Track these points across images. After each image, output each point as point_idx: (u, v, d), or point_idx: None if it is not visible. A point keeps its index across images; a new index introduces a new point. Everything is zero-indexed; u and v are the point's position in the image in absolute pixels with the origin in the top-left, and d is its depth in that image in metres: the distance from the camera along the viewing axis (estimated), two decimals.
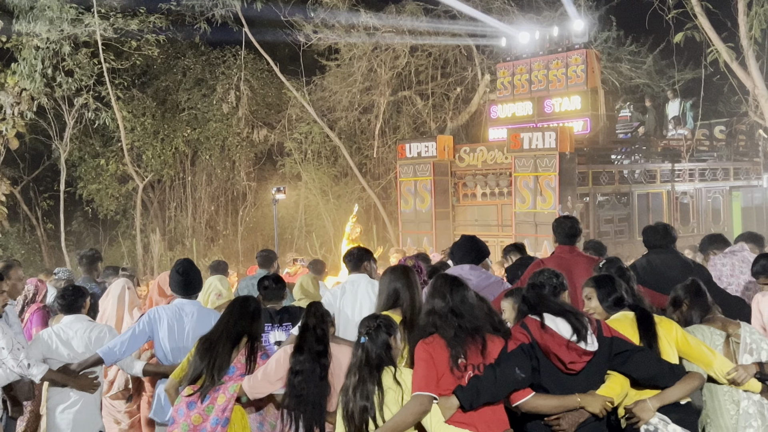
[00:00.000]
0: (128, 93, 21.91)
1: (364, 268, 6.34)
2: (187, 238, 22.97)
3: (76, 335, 5.71)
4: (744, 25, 14.75)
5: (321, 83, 23.29)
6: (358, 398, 4.13)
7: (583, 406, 4.13)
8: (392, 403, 4.12)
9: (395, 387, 4.14)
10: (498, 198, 16.92)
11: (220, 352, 4.87)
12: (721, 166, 18.82)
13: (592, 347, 4.12)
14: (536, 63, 18.06)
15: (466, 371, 4.12)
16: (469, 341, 4.16)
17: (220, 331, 4.97)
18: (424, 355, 4.16)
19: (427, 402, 4.05)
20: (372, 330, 4.25)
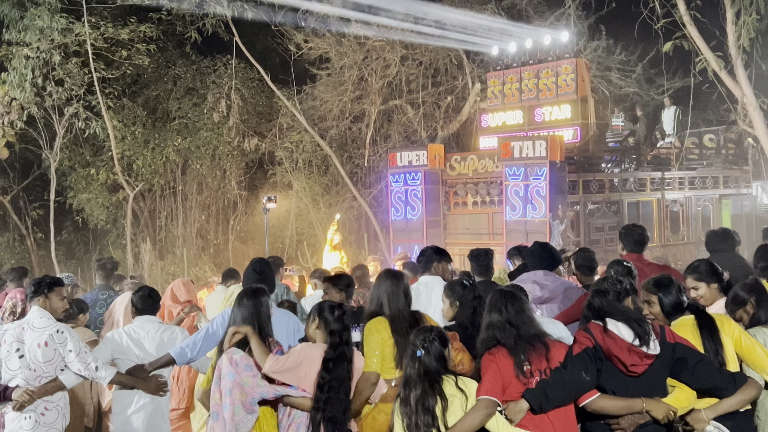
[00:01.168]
0: (119, 102, 21.86)
1: (435, 269, 6.35)
2: (177, 248, 22.90)
3: (147, 335, 5.77)
4: (732, 34, 14.84)
5: (312, 92, 23.30)
6: (420, 411, 4.21)
7: (648, 411, 4.19)
8: (458, 409, 4.22)
9: (459, 394, 4.24)
10: (489, 206, 16.97)
11: None
12: (710, 174, 18.92)
13: (654, 351, 4.19)
14: (526, 72, 18.13)
15: (532, 377, 4.21)
16: (530, 348, 4.27)
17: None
18: (490, 365, 4.27)
19: (492, 406, 4.16)
20: (427, 343, 4.33)
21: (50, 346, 5.40)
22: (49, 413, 5.50)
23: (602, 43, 22.54)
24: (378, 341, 4.90)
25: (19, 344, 5.43)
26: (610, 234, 16.41)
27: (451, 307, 5.38)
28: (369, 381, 4.80)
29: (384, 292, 5.07)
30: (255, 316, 4.87)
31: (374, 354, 4.87)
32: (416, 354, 4.32)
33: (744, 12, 14.58)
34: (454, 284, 5.45)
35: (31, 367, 5.40)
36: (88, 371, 5.41)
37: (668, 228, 17.38)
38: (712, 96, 19.70)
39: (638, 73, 23.07)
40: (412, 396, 4.25)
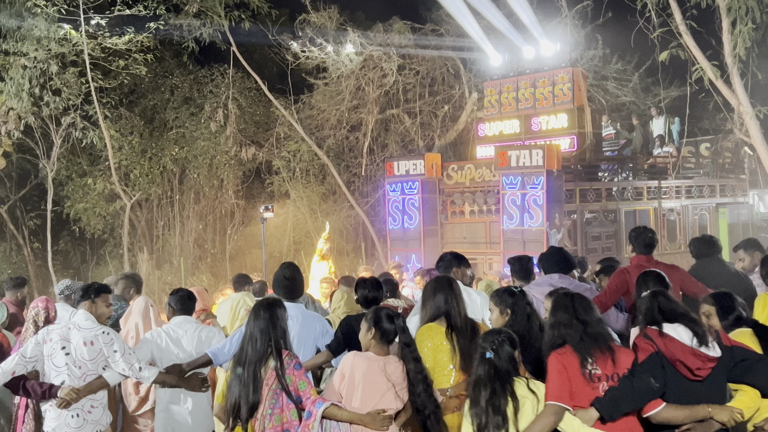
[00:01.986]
0: (116, 112, 21.87)
1: (454, 274, 6.34)
2: (174, 257, 22.87)
3: (185, 334, 5.88)
4: (728, 44, 14.88)
5: (309, 101, 23.33)
6: (491, 412, 4.22)
7: (713, 416, 4.20)
8: (530, 411, 4.24)
9: (531, 396, 4.27)
10: (486, 215, 16.97)
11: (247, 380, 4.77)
12: (707, 183, 18.94)
13: (715, 353, 4.21)
14: (523, 81, 18.18)
15: (599, 381, 4.22)
16: (597, 349, 4.28)
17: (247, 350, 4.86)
18: (557, 366, 4.27)
19: (560, 412, 4.18)
20: (496, 345, 4.35)
21: (96, 345, 5.53)
22: (95, 410, 5.62)
23: (599, 52, 22.59)
24: (430, 347, 4.88)
25: (65, 343, 5.54)
26: (607, 243, 16.43)
27: (502, 315, 5.23)
28: None
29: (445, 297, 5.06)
30: (271, 329, 4.84)
31: (425, 361, 4.83)
32: (485, 356, 4.34)
33: (740, 21, 14.62)
34: (502, 292, 5.34)
35: (77, 365, 5.51)
36: (132, 371, 5.53)
37: (665, 237, 17.38)
38: (709, 105, 19.75)
39: (635, 83, 23.13)
40: (482, 397, 4.26)
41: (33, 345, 5.56)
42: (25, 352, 5.53)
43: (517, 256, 6.95)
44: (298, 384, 4.68)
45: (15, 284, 8.63)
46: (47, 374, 5.56)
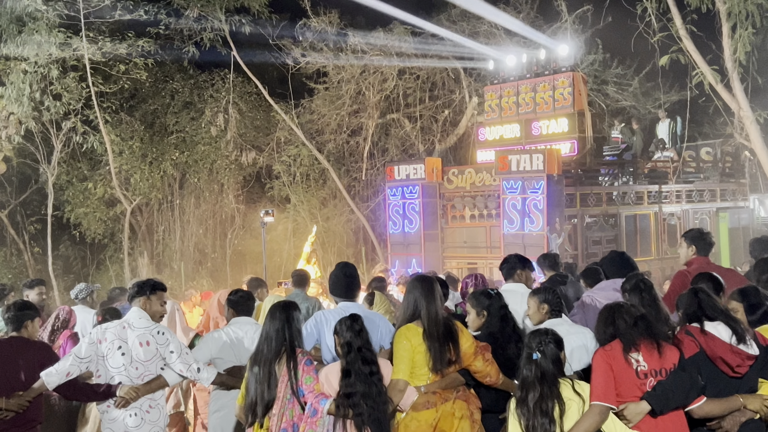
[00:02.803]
0: (116, 116, 21.87)
1: (518, 277, 6.35)
2: (175, 262, 22.87)
3: (246, 336, 5.88)
4: (728, 48, 14.89)
5: (309, 106, 23.35)
6: (538, 413, 4.24)
7: (746, 405, 4.27)
8: (576, 413, 4.25)
9: (577, 398, 4.28)
10: (486, 220, 16.97)
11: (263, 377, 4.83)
12: (707, 187, 18.94)
13: (754, 351, 4.28)
14: (523, 86, 18.18)
15: (647, 378, 4.25)
16: (644, 340, 4.29)
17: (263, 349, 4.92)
18: (603, 365, 4.29)
19: (605, 412, 4.20)
20: (543, 345, 4.36)
21: (151, 345, 5.51)
22: (153, 411, 5.60)
23: (599, 56, 22.64)
24: (407, 348, 4.86)
25: (120, 342, 5.51)
26: (608, 247, 16.39)
27: (478, 317, 5.37)
28: (396, 388, 4.80)
29: (418, 297, 5.02)
30: (286, 329, 4.90)
31: (402, 360, 4.85)
32: (533, 357, 4.34)
33: (740, 26, 14.64)
34: (479, 294, 5.45)
35: (134, 365, 5.49)
36: (190, 372, 5.53)
37: (665, 241, 17.38)
38: (709, 109, 19.79)
39: (635, 87, 23.16)
40: (530, 398, 4.28)
41: (87, 345, 5.51)
42: (79, 353, 5.48)
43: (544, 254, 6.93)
44: (304, 378, 4.77)
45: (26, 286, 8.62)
46: (103, 375, 5.52)
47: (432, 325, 4.90)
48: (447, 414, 4.86)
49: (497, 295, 5.44)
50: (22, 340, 5.61)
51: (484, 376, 5.00)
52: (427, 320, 4.92)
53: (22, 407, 5.35)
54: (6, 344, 5.58)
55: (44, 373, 5.39)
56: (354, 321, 4.87)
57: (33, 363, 5.48)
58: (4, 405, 5.30)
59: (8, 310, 5.71)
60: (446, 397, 4.89)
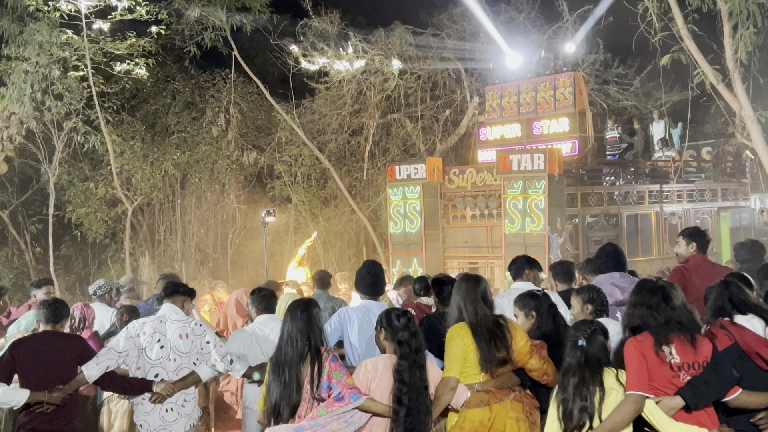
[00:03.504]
0: (118, 116, 21.89)
1: (526, 276, 6.48)
2: (176, 262, 22.87)
3: (272, 332, 5.96)
4: (730, 48, 14.88)
5: (310, 106, 23.34)
6: (578, 399, 4.27)
7: None
8: (614, 402, 4.27)
9: (618, 387, 4.31)
10: (487, 219, 16.96)
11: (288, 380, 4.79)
12: (708, 187, 18.93)
13: None
14: (524, 85, 18.18)
15: (680, 371, 4.26)
16: (676, 335, 4.30)
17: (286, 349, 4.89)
18: (635, 354, 4.30)
19: (641, 401, 4.22)
20: (589, 333, 4.40)
21: (190, 338, 5.66)
22: (188, 404, 5.72)
23: (600, 56, 22.63)
24: (460, 346, 4.88)
25: (159, 335, 5.62)
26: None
27: (527, 318, 5.36)
28: (448, 386, 4.81)
29: (462, 298, 5.06)
30: (309, 329, 4.87)
31: (455, 359, 4.86)
32: (578, 343, 4.38)
33: (741, 26, 14.63)
34: (525, 296, 5.45)
35: (172, 358, 5.60)
36: (224, 363, 5.66)
37: (666, 241, 17.36)
38: (710, 109, 19.80)
39: (636, 87, 23.15)
40: (571, 384, 4.31)
41: (124, 339, 5.61)
42: (117, 347, 5.58)
43: (559, 261, 7.01)
44: (334, 374, 4.73)
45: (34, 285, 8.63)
46: (142, 368, 5.61)
47: (475, 324, 4.94)
48: (501, 414, 4.84)
49: (544, 295, 5.44)
50: (59, 334, 5.74)
51: (542, 375, 4.99)
52: (469, 319, 4.97)
53: (63, 401, 5.46)
54: (44, 338, 5.68)
55: (84, 367, 5.50)
56: (409, 320, 4.87)
57: (71, 356, 5.58)
58: (47, 398, 5.40)
59: (44, 306, 5.80)
60: (500, 397, 4.88)
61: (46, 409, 5.42)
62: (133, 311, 7.26)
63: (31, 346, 5.59)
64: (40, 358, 5.51)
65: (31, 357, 5.51)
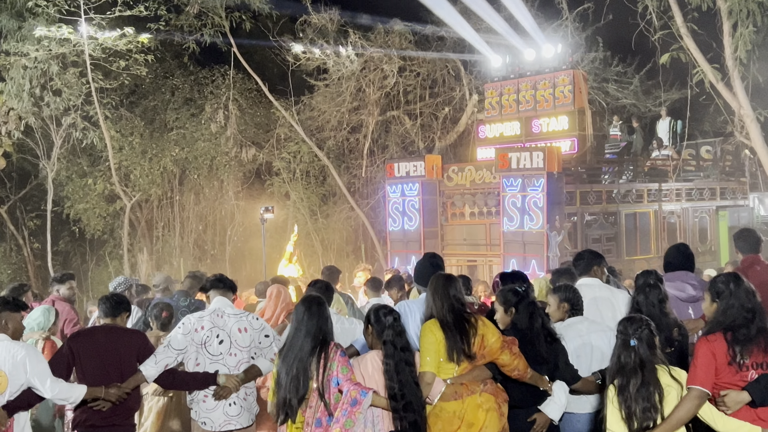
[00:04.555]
0: (116, 112, 21.86)
1: (594, 273, 6.39)
2: (174, 258, 22.87)
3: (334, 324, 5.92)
4: (729, 47, 14.88)
5: (309, 103, 23.31)
6: (639, 399, 4.30)
7: None
8: (674, 399, 4.32)
9: (675, 384, 4.36)
10: (486, 217, 16.95)
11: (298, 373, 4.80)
12: (707, 185, 18.93)
13: None
14: (524, 83, 18.16)
15: (748, 371, 4.30)
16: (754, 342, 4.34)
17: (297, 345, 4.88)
18: (706, 353, 4.35)
19: (704, 396, 4.27)
20: (639, 332, 4.42)
21: (249, 331, 5.60)
22: (249, 398, 5.69)
23: (599, 54, 22.61)
24: (432, 341, 4.96)
25: (219, 330, 5.56)
26: (608, 245, 16.39)
27: (506, 314, 5.40)
28: (423, 380, 4.87)
29: (431, 294, 5.14)
30: (322, 323, 4.88)
31: (429, 353, 4.94)
32: (630, 343, 4.40)
33: (741, 24, 14.63)
34: (507, 291, 5.48)
35: (232, 352, 5.55)
36: None
37: (665, 239, 17.35)
38: (709, 108, 19.79)
39: (635, 85, 23.14)
40: (631, 385, 4.34)
41: (182, 335, 5.52)
42: (175, 344, 5.50)
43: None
44: (340, 368, 4.76)
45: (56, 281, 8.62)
46: (202, 363, 5.53)
47: (441, 317, 5.02)
48: (473, 406, 4.94)
49: (525, 292, 5.48)
50: (118, 328, 5.64)
51: (512, 370, 5.04)
52: (436, 313, 5.05)
53: (120, 398, 5.37)
54: (103, 331, 5.59)
55: (142, 366, 5.42)
56: (395, 320, 4.91)
57: (130, 351, 5.50)
58: (104, 395, 5.31)
59: (103, 300, 5.72)
60: (473, 389, 4.97)
61: (103, 406, 5.34)
62: (169, 308, 7.26)
63: (90, 339, 5.51)
64: (98, 353, 5.41)
65: (89, 351, 5.42)
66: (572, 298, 5.58)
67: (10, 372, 5.01)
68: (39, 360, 5.18)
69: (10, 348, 5.06)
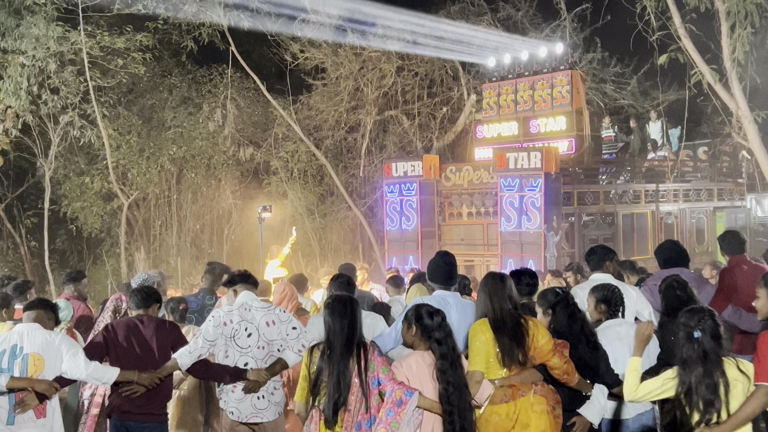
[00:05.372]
0: (114, 111, 21.83)
1: (606, 268, 6.44)
2: (171, 257, 22.85)
3: None
4: (727, 48, 14.89)
5: (307, 102, 23.32)
6: (702, 392, 4.24)
7: None
8: (740, 393, 4.24)
9: (742, 377, 4.27)
10: (484, 217, 16.95)
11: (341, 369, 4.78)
12: (704, 186, 18.95)
13: None
14: (522, 83, 18.16)
15: None
16: None
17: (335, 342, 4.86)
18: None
19: None
20: (703, 323, 4.35)
21: (276, 324, 5.70)
22: (277, 392, 5.80)
23: (597, 55, 22.65)
24: (482, 341, 4.95)
25: (247, 324, 5.66)
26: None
27: (545, 315, 5.38)
28: (473, 379, 4.85)
29: (488, 294, 5.10)
30: (354, 322, 4.89)
31: (478, 353, 4.92)
32: (693, 335, 4.33)
33: (739, 25, 14.64)
34: (546, 292, 5.48)
35: (260, 345, 5.66)
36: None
37: (662, 240, 17.37)
38: (707, 109, 19.81)
39: (633, 86, 23.17)
40: (694, 377, 4.27)
41: (213, 327, 5.64)
42: (207, 335, 5.63)
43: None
44: (380, 369, 4.76)
45: (71, 278, 8.68)
46: (231, 356, 5.64)
47: (499, 321, 4.99)
48: (526, 407, 4.89)
49: (565, 293, 5.44)
50: (154, 319, 5.83)
51: (562, 374, 5.02)
52: (494, 316, 5.02)
53: (153, 383, 5.54)
54: (138, 321, 5.77)
55: (177, 354, 5.59)
56: (443, 319, 4.88)
57: (163, 342, 5.68)
58: (137, 378, 5.50)
59: (135, 293, 5.93)
60: (523, 391, 4.92)
61: (135, 391, 5.51)
62: (184, 300, 7.38)
63: (124, 329, 5.71)
64: (131, 342, 5.62)
65: (123, 340, 5.63)
66: (610, 298, 5.54)
67: (47, 355, 5.33)
68: (73, 343, 5.52)
69: (45, 334, 5.42)
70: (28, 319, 5.49)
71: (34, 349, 5.32)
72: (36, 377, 5.29)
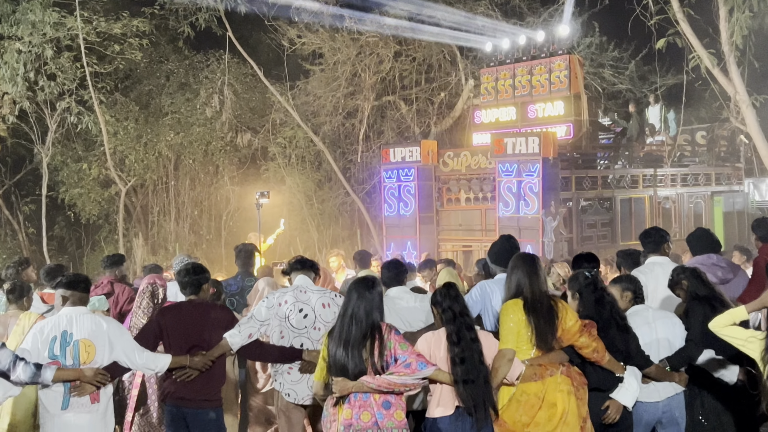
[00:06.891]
0: (111, 97, 21.78)
1: (663, 251, 6.49)
2: (170, 243, 22.85)
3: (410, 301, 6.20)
4: (725, 32, 14.86)
5: (305, 87, 23.25)
6: None
7: None
8: None
9: None
10: (482, 202, 16.97)
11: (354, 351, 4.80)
12: (702, 171, 18.97)
13: None
14: (520, 68, 18.13)
15: None
16: None
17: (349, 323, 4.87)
18: None
19: None
20: None
21: (332, 307, 5.76)
22: None
23: (595, 39, 22.57)
24: (515, 321, 5.02)
25: (302, 305, 5.74)
26: (603, 230, 16.44)
27: (573, 298, 5.46)
28: (505, 357, 4.91)
29: (525, 274, 5.14)
30: (375, 308, 4.88)
31: (510, 332, 4.99)
32: None
33: (737, 9, 14.61)
34: (577, 275, 5.54)
35: (317, 326, 5.72)
36: None
37: (660, 225, 17.40)
38: (705, 93, 19.78)
39: (631, 70, 23.11)
40: None
41: (266, 308, 5.70)
42: (259, 315, 5.68)
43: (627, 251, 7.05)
44: (398, 345, 4.77)
45: (113, 262, 8.63)
46: (286, 336, 5.70)
47: (536, 302, 5.05)
48: (553, 387, 4.97)
49: (592, 277, 5.47)
50: (204, 303, 5.81)
51: (592, 352, 5.06)
52: (531, 297, 5.07)
53: (205, 366, 5.50)
54: (189, 306, 5.74)
55: (228, 334, 5.55)
56: (449, 288, 4.99)
57: (216, 325, 5.63)
58: (189, 363, 5.46)
59: (186, 274, 5.80)
60: (552, 371, 5.01)
61: (189, 375, 5.47)
62: (217, 284, 7.39)
63: (177, 313, 5.69)
64: (184, 326, 5.57)
65: (176, 324, 5.59)
66: (634, 287, 5.67)
67: (97, 341, 5.26)
68: (123, 332, 5.48)
69: (94, 320, 5.35)
70: (72, 302, 5.38)
71: (84, 335, 5.24)
72: (87, 364, 5.23)
